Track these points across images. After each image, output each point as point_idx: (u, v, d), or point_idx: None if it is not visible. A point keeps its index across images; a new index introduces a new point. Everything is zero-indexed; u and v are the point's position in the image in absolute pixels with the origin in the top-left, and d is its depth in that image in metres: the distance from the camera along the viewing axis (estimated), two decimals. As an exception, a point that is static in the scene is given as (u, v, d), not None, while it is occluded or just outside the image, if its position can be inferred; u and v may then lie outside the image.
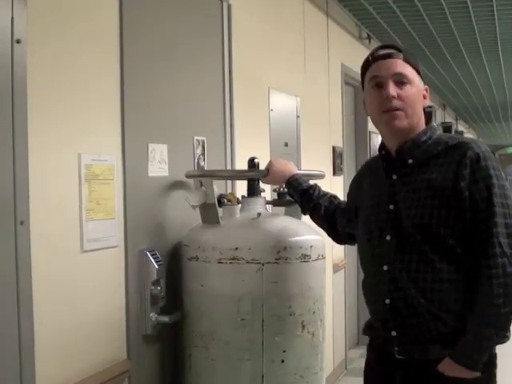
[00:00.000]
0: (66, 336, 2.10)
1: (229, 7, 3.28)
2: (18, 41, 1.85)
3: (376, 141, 6.62)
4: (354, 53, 5.96)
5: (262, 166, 2.65)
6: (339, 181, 5.31)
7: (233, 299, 2.44)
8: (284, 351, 2.45)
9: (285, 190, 2.68)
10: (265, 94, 3.85)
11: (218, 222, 2.58)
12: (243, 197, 2.73)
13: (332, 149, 5.25)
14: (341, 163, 5.41)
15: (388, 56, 2.06)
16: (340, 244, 2.70)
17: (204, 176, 2.67)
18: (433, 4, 5.24)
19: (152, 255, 2.50)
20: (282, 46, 4.16)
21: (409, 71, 2.05)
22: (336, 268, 5.16)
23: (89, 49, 2.24)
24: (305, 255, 2.50)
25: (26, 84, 1.89)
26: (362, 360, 2.26)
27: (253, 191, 2.71)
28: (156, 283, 2.51)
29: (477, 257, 1.94)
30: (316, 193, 2.49)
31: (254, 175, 2.69)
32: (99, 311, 2.27)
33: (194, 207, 2.60)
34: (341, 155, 5.42)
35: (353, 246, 2.48)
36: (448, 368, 1.95)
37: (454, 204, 1.95)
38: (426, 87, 2.12)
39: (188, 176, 2.71)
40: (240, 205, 2.70)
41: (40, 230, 1.95)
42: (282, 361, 2.45)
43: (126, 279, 2.42)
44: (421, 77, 2.10)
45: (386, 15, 5.61)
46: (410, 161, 2.06)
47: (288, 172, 2.54)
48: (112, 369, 2.30)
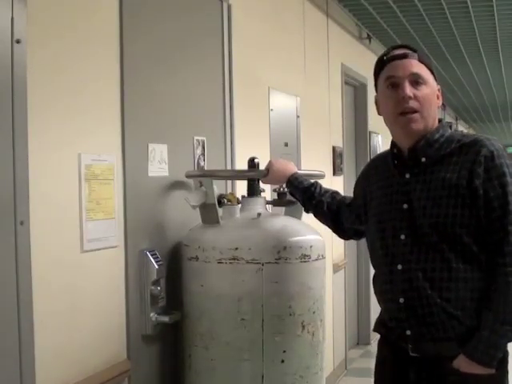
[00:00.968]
0: (66, 336, 2.10)
1: (229, 7, 3.28)
2: (18, 41, 1.85)
3: (376, 141, 6.62)
4: (354, 53, 5.96)
5: (262, 166, 2.65)
6: (339, 181, 5.31)
7: (233, 299, 2.44)
8: (284, 351, 2.45)
9: (285, 190, 2.68)
10: (265, 94, 3.85)
11: (218, 222, 2.58)
12: (243, 197, 2.73)
13: (332, 149, 5.25)
14: (341, 163, 5.41)
15: (404, 56, 2.07)
16: (346, 239, 2.68)
17: (204, 176, 2.67)
18: (433, 4, 5.24)
19: (152, 255, 2.50)
20: (282, 46, 4.16)
21: (424, 71, 2.07)
22: (336, 268, 5.16)
23: (89, 49, 2.24)
24: (305, 255, 2.50)
25: (26, 84, 1.89)
26: (362, 360, 2.27)
27: (253, 191, 2.71)
28: (156, 283, 2.51)
29: (492, 255, 1.95)
30: (318, 190, 2.49)
31: (254, 175, 2.69)
32: (99, 311, 2.27)
33: (194, 207, 2.60)
34: (341, 155, 5.42)
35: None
36: (463, 364, 1.95)
37: (470, 202, 1.95)
38: (439, 87, 2.13)
39: (188, 176, 2.72)
40: (240, 205, 2.70)
41: (40, 230, 1.95)
42: (282, 361, 2.45)
43: (126, 279, 2.42)
44: (434, 77, 2.11)
45: (386, 15, 5.61)
46: (424, 159, 2.05)
47: (288, 172, 2.54)
48: (112, 369, 2.30)
